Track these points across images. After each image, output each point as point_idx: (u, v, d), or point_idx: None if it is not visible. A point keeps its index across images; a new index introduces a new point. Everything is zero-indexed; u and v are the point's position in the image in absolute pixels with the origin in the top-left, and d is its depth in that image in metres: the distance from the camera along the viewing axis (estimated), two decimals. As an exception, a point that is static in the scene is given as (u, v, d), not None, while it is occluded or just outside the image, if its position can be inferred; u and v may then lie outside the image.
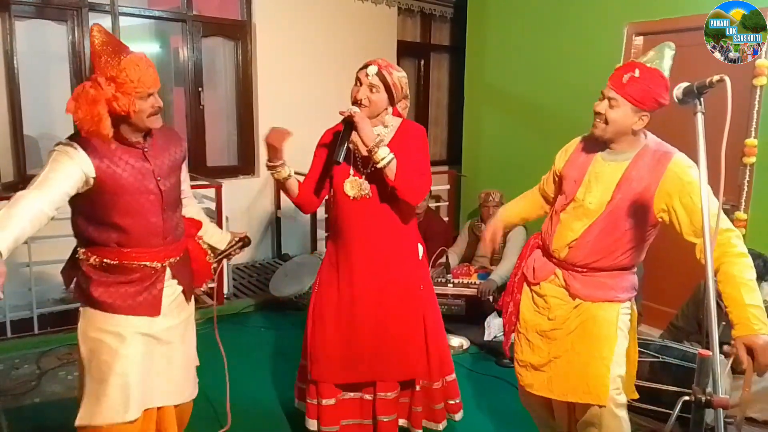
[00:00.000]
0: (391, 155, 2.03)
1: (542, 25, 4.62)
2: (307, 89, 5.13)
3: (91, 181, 1.74)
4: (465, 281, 4.14)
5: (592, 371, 1.96)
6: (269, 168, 2.15)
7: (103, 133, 1.68)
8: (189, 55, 4.81)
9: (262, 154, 5.12)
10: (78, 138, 1.73)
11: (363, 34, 5.45)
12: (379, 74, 2.08)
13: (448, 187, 5.74)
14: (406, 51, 6.04)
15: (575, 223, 1.99)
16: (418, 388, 2.30)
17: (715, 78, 1.36)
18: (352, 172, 2.13)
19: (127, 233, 1.81)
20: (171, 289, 1.97)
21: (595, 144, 2.00)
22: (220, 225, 4.16)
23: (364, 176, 2.13)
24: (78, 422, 1.81)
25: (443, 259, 4.16)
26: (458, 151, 5.65)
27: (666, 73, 1.83)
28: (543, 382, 2.10)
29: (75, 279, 1.91)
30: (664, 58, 1.84)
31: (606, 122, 1.87)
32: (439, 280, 4.11)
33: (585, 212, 1.97)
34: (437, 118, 6.65)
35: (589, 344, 1.98)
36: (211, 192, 4.27)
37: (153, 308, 1.90)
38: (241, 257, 5.17)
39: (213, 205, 4.22)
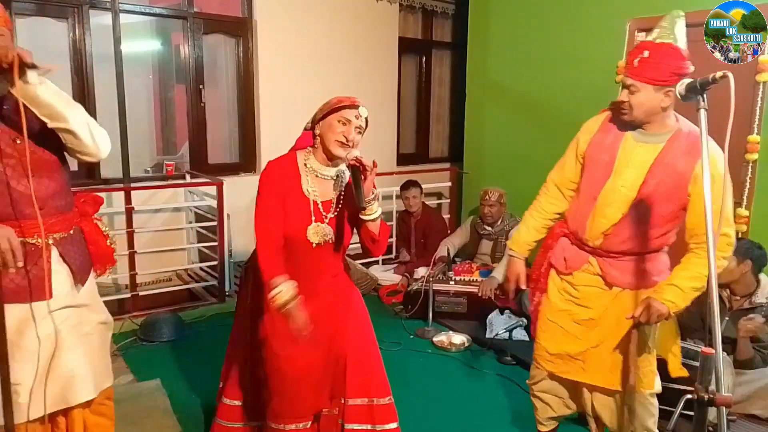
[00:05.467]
0: (380, 210, 1.96)
1: (544, 21, 4.60)
2: (308, 86, 5.11)
3: None
4: (467, 279, 4.14)
5: (639, 360, 1.97)
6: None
7: None
8: (190, 53, 4.80)
9: (263, 151, 5.17)
10: None
11: (364, 31, 5.42)
12: (366, 118, 1.97)
13: (449, 184, 5.73)
14: (407, 48, 6.02)
15: (608, 209, 1.96)
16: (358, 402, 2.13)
17: (718, 74, 1.36)
18: (314, 218, 1.99)
19: None
20: (61, 275, 1.77)
21: (622, 123, 1.98)
22: (221, 222, 4.17)
23: (326, 222, 2.00)
24: None
25: (443, 253, 4.12)
26: (460, 148, 5.63)
27: (679, 43, 1.79)
28: (579, 370, 2.09)
29: None
30: (675, 26, 1.81)
31: (631, 107, 1.88)
32: (441, 277, 4.11)
33: (618, 197, 1.95)
34: (439, 115, 6.63)
35: (632, 334, 1.96)
36: (212, 189, 4.27)
37: (39, 291, 1.69)
38: (243, 255, 5.17)
39: (214, 203, 4.21)
